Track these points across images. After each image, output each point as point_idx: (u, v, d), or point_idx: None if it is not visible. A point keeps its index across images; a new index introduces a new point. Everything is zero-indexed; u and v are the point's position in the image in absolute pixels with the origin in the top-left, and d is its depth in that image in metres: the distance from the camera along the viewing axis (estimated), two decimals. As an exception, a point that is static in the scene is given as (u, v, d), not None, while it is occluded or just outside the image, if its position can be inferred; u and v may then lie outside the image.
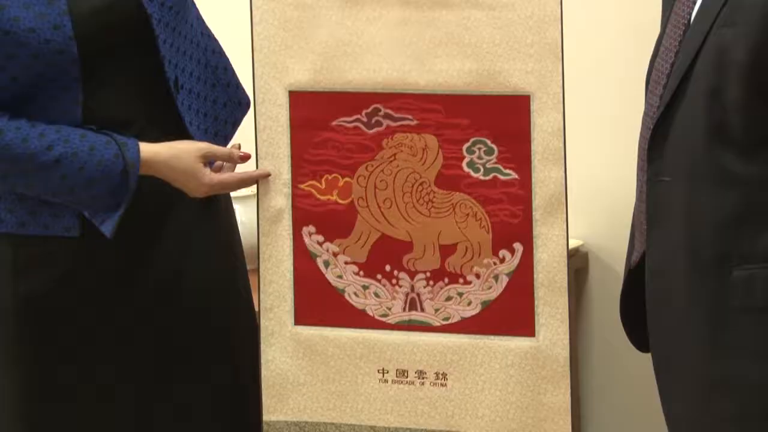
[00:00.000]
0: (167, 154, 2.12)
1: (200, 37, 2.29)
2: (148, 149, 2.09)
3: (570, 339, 2.12)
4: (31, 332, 2.18)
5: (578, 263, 2.99)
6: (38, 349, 2.18)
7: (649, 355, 1.97)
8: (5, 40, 2.04)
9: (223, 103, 2.27)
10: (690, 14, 1.80)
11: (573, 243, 2.81)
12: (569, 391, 2.06)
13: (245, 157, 2.19)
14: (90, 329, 2.17)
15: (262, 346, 2.16)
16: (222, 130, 2.26)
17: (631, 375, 2.83)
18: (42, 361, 2.18)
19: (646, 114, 1.90)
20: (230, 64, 2.29)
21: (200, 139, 2.19)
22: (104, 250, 2.12)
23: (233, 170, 2.26)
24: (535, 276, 2.05)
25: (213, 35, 2.34)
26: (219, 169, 2.20)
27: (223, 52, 2.32)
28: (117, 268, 2.17)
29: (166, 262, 2.20)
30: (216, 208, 2.25)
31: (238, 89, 2.25)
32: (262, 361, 2.15)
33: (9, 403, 2.22)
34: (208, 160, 2.13)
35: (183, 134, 2.17)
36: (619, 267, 2.55)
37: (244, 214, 2.65)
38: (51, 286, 2.16)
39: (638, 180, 1.94)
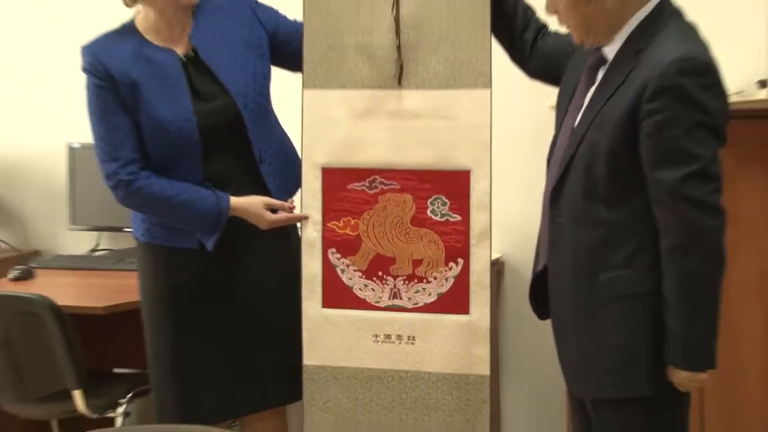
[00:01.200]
0: (244, 203, 2.19)
1: (278, 134, 2.34)
2: (234, 200, 2.18)
3: (491, 316, 2.13)
4: (174, 310, 2.27)
5: (498, 268, 2.93)
6: (176, 318, 2.27)
7: (546, 324, 2.01)
8: (157, 127, 2.17)
9: (291, 173, 2.28)
10: (575, 122, 1.86)
11: (495, 255, 2.72)
12: (489, 348, 2.12)
13: (292, 208, 2.25)
14: (210, 301, 2.26)
15: (303, 320, 2.20)
16: (290, 190, 2.31)
17: (534, 338, 2.76)
18: (180, 327, 2.27)
19: (547, 181, 1.94)
20: (296, 153, 2.28)
21: (276, 195, 2.25)
22: (214, 260, 2.22)
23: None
24: (470, 278, 2.11)
25: (287, 134, 2.36)
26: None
27: (293, 146, 2.33)
28: (224, 267, 2.26)
29: (258, 265, 2.27)
30: (285, 235, 2.29)
31: (298, 167, 2.23)
32: (303, 328, 2.20)
33: (162, 344, 2.29)
34: (270, 208, 2.20)
35: (266, 190, 2.25)
36: (524, 271, 2.65)
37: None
38: (185, 283, 2.25)
39: (542, 219, 1.96)
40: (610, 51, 1.82)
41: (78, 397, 2.59)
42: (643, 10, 1.79)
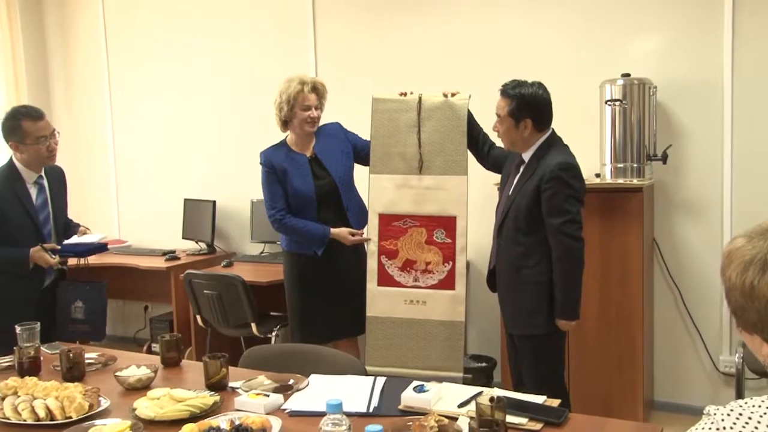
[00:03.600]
0: (338, 231, 2.16)
1: (357, 196, 2.27)
2: (333, 230, 2.16)
3: (466, 291, 2.10)
4: (301, 285, 2.22)
5: (469, 266, 2.63)
6: (302, 289, 2.23)
7: (492, 294, 1.97)
8: (295, 192, 2.15)
9: (362, 216, 2.22)
10: (509, 192, 1.84)
11: (468, 259, 2.28)
12: (464, 307, 2.09)
13: (362, 234, 2.20)
14: (320, 281, 2.20)
15: (367, 293, 2.15)
16: (362, 225, 2.23)
17: (486, 302, 2.50)
18: (304, 294, 2.23)
19: (495, 222, 1.91)
20: (365, 205, 2.20)
21: (354, 227, 2.20)
22: (322, 260, 2.18)
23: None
24: (456, 272, 2.08)
25: (361, 197, 2.26)
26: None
27: (363, 202, 2.23)
28: (327, 263, 2.20)
29: (345, 263, 2.21)
30: (363, 248, 2.24)
31: (367, 214, 2.18)
32: (367, 297, 2.15)
33: (295, 302, 2.24)
34: (351, 234, 2.17)
35: (349, 225, 2.20)
36: (481, 268, 2.54)
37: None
38: (307, 271, 2.22)
39: (492, 241, 1.93)
40: (526, 157, 1.82)
41: (253, 326, 2.58)
42: (542, 137, 1.81)
